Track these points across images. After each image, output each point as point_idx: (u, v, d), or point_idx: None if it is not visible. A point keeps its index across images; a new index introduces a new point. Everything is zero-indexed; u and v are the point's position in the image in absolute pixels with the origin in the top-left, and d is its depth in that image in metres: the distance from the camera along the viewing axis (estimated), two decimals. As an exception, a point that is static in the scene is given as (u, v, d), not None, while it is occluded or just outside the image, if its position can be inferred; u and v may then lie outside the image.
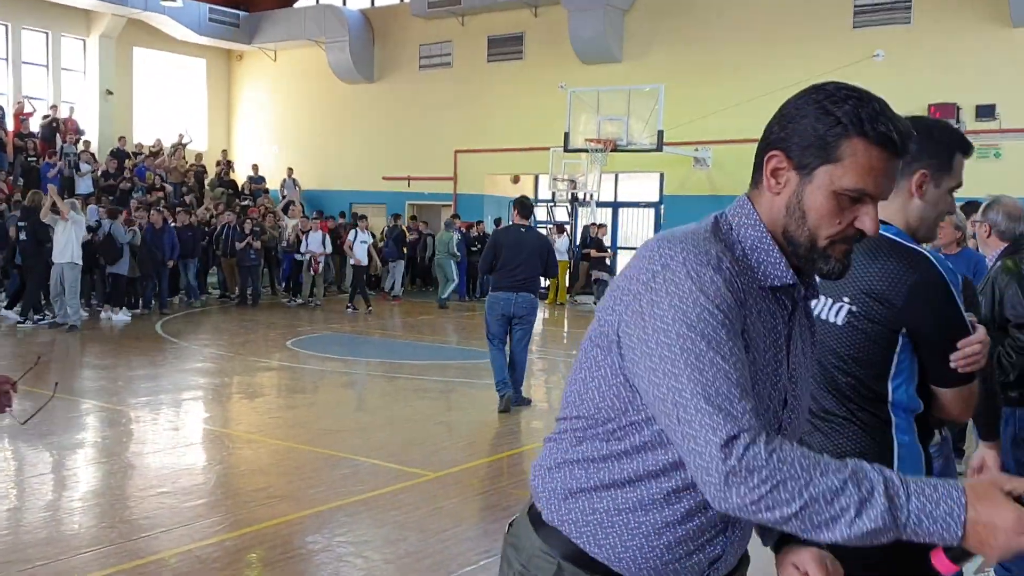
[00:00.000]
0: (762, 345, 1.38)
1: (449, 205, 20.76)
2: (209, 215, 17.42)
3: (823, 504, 1.20)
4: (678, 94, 16.52)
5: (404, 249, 17.85)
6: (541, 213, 20.30)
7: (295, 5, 23.12)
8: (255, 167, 22.20)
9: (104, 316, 13.31)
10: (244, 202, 20.21)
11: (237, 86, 24.63)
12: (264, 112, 24.06)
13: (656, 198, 19.23)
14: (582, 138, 16.81)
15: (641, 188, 19.71)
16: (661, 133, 16.08)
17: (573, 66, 18.47)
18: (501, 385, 7.59)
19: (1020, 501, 1.20)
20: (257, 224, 16.47)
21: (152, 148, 20.89)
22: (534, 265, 7.44)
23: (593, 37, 18.04)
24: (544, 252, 7.60)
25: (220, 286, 17.25)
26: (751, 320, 1.36)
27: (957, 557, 1.26)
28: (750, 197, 1.45)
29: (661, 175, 18.63)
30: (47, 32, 20.85)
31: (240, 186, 22.00)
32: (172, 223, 15.11)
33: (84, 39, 21.49)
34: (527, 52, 19.77)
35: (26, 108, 19.20)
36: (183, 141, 21.27)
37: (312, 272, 16.13)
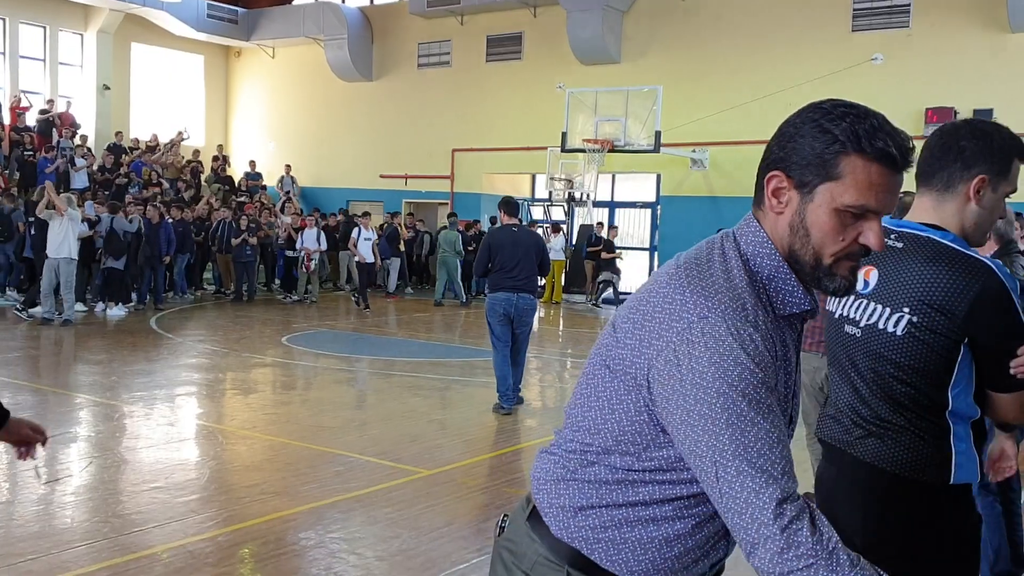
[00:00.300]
0: (780, 376, 1.39)
1: (446, 203, 20.75)
2: (209, 210, 17.39)
3: None
4: (676, 95, 16.54)
5: (400, 247, 17.83)
6: (538, 212, 20.31)
7: (294, 2, 23.07)
8: (252, 163, 22.16)
9: (99, 310, 13.32)
10: (240, 198, 20.19)
11: (235, 83, 24.59)
12: (261, 109, 24.03)
13: (653, 199, 19.25)
14: (580, 138, 16.82)
15: (638, 189, 19.72)
16: (659, 134, 16.09)
17: (571, 66, 18.48)
18: (505, 397, 7.41)
19: None
20: (253, 220, 16.45)
21: (149, 143, 20.86)
22: (531, 263, 7.41)
23: (591, 38, 18.05)
24: (539, 249, 7.60)
25: (216, 282, 17.23)
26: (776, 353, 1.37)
27: None
28: (756, 217, 1.44)
29: (658, 176, 18.64)
30: (45, 26, 20.81)
31: (237, 182, 21.97)
32: (168, 219, 15.09)
33: (82, 34, 21.45)
34: (526, 52, 19.77)
35: (22, 103, 19.15)
36: (183, 137, 21.22)
37: (305, 270, 16.10)
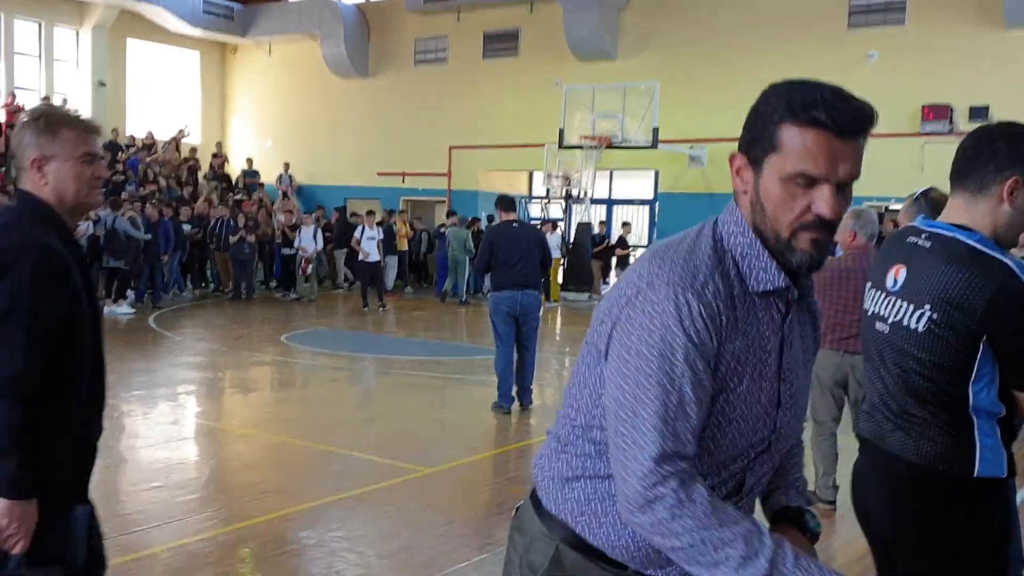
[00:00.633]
0: (749, 351, 1.42)
1: (443, 201, 20.74)
2: (208, 206, 17.36)
3: (710, 548, 1.30)
4: (673, 92, 16.54)
5: (395, 245, 17.80)
6: (535, 210, 20.31)
7: (290, -2, 23.07)
8: (249, 161, 22.12)
9: (107, 310, 13.25)
10: (238, 196, 20.15)
11: (231, 79, 24.52)
12: (258, 106, 23.97)
13: (651, 195, 19.25)
14: (577, 135, 16.81)
15: (636, 185, 19.73)
16: (656, 130, 16.10)
17: (568, 63, 18.46)
18: (506, 398, 7.27)
19: None
20: (251, 218, 16.42)
21: (145, 141, 20.80)
22: (533, 259, 7.31)
23: (588, 34, 18.04)
24: (541, 244, 7.55)
25: (214, 280, 17.20)
26: (737, 328, 1.40)
27: None
28: (737, 202, 1.49)
29: (656, 172, 18.65)
30: (40, 22, 20.72)
31: (234, 180, 21.92)
32: (166, 217, 15.06)
33: (77, 30, 21.36)
34: (522, 48, 19.75)
35: (17, 100, 19.08)
36: (184, 135, 21.14)
37: (302, 271, 16.06)
